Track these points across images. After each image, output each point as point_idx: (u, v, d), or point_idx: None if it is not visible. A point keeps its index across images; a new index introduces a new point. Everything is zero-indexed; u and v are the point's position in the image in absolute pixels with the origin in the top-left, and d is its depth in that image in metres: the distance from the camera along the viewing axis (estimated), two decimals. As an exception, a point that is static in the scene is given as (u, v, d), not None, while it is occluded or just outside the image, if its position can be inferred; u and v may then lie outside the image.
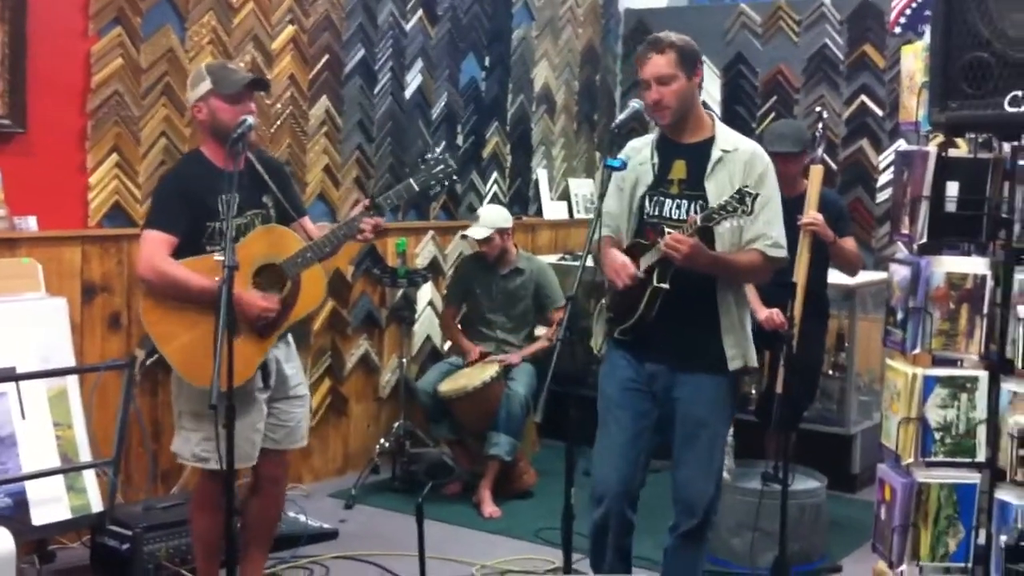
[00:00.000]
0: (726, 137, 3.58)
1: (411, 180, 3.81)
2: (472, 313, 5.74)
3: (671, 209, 3.53)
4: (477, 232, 5.52)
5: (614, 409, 3.60)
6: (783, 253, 3.56)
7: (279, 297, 3.66)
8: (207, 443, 3.66)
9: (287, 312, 3.69)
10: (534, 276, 5.65)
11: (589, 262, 3.31)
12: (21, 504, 4.01)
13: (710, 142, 3.56)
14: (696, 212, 3.45)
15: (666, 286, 3.44)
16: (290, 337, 3.92)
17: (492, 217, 5.56)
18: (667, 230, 3.40)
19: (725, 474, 4.80)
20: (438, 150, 3.98)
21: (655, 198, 3.56)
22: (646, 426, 3.61)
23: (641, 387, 3.59)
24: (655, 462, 3.69)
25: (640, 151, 3.65)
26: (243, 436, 3.54)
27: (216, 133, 3.68)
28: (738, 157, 3.52)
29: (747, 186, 3.33)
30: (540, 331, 5.77)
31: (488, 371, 5.36)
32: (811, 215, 4.62)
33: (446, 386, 5.39)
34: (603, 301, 3.72)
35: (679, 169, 3.55)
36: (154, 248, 3.61)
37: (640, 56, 3.54)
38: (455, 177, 3.89)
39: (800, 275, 4.56)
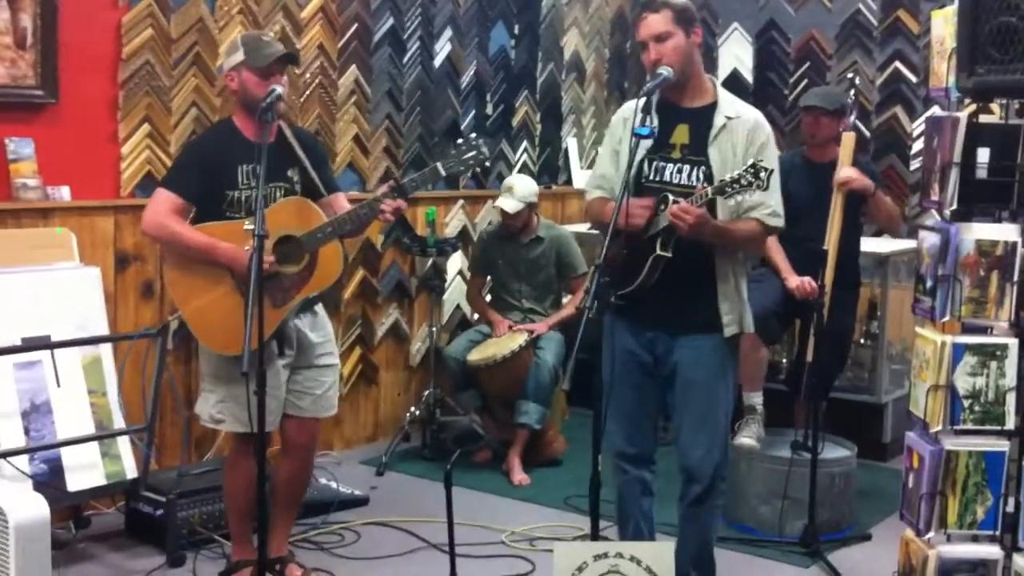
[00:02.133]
0: (729, 103, 3.54)
1: (438, 164, 3.73)
2: (497, 284, 5.74)
3: (672, 174, 3.50)
4: (510, 205, 5.46)
5: (617, 379, 3.53)
6: (781, 222, 3.54)
7: (276, 260, 3.65)
8: (221, 405, 3.77)
9: (301, 285, 3.71)
10: (555, 244, 5.62)
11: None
12: (56, 470, 4.07)
13: (712, 107, 3.52)
14: (699, 178, 3.44)
15: (669, 254, 3.41)
16: (320, 307, 3.94)
17: (524, 191, 5.48)
18: (671, 198, 3.37)
19: (755, 442, 4.82)
20: (473, 135, 3.88)
21: (655, 162, 3.52)
22: (650, 391, 3.61)
23: (641, 354, 3.58)
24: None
25: (636, 112, 3.62)
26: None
27: (245, 104, 3.72)
28: (741, 125, 3.48)
29: (761, 160, 3.29)
30: (567, 299, 5.77)
31: (516, 340, 5.37)
32: (844, 173, 4.57)
33: (475, 355, 5.40)
34: (596, 263, 3.72)
35: (681, 134, 3.51)
36: (159, 204, 3.70)
37: (635, 19, 3.52)
38: (486, 164, 3.79)
39: (832, 242, 4.54)
